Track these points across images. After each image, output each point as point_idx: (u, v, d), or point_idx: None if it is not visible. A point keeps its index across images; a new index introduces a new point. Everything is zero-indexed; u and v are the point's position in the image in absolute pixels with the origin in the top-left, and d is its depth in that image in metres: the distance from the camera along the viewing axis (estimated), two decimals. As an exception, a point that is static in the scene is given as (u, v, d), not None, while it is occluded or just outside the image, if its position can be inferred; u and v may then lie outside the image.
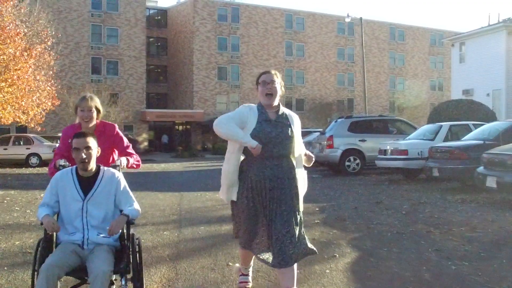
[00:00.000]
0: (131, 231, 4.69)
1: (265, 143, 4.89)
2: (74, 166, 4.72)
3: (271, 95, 5.08)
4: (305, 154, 5.26)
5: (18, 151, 30.05)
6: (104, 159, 5.13)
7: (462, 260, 6.86)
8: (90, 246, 4.50)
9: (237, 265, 5.66)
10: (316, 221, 9.73)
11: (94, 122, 5.44)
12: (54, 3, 53.55)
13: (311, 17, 70.58)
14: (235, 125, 4.92)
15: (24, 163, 28.89)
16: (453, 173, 13.97)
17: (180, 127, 64.83)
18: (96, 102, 5.44)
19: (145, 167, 28.75)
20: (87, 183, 4.62)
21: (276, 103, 5.14)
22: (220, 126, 4.94)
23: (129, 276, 4.48)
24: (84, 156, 4.54)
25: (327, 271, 6.39)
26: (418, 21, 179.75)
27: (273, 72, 5.22)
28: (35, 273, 4.21)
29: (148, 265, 6.57)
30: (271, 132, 4.96)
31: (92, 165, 4.65)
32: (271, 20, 67.58)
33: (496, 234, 8.50)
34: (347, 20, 44.34)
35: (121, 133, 5.65)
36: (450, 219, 9.91)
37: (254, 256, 5.25)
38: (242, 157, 5.11)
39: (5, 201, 12.79)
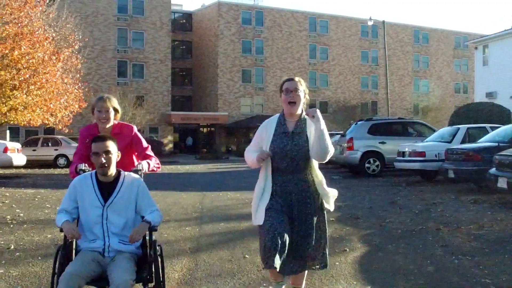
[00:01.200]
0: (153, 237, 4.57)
1: (283, 156, 4.85)
2: (94, 171, 4.61)
3: (294, 103, 4.92)
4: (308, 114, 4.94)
5: (47, 152, 30.82)
6: (122, 161, 4.85)
7: (466, 255, 7.26)
8: (111, 253, 4.39)
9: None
10: (330, 219, 10.14)
11: (111, 123, 5.30)
12: (81, 7, 54.50)
13: (334, 20, 70.86)
14: (250, 153, 4.98)
15: (52, 163, 29.63)
16: (468, 174, 14.30)
17: (205, 130, 65.49)
18: (114, 102, 5.31)
19: (170, 169, 29.37)
20: (107, 188, 4.50)
21: (299, 111, 5.00)
22: (247, 160, 5.04)
23: (151, 285, 4.38)
24: (104, 161, 4.42)
25: (337, 263, 6.84)
26: (442, 24, 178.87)
27: (296, 79, 5.02)
28: (54, 280, 4.14)
29: (170, 256, 7.08)
30: (287, 145, 4.87)
31: (112, 170, 4.53)
32: (295, 23, 67.99)
33: (502, 232, 8.86)
34: (370, 23, 44.60)
35: (139, 134, 5.46)
36: (461, 218, 10.29)
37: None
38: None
39: (36, 199, 13.42)
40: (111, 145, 4.50)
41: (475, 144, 15.12)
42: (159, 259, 4.46)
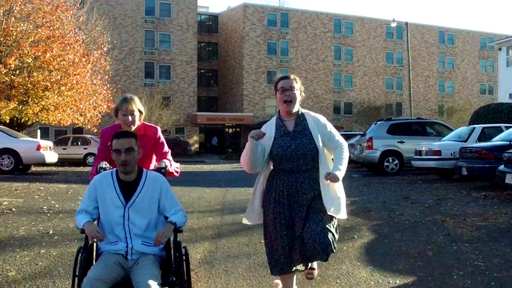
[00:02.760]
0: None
1: (287, 158, 4.72)
2: (115, 169, 4.41)
3: (290, 102, 4.78)
4: (328, 176, 4.68)
5: (76, 151, 31.77)
6: (144, 164, 4.82)
7: (465, 242, 7.88)
8: (134, 256, 4.19)
9: (277, 281, 5.24)
10: (344, 212, 10.81)
11: (136, 125, 5.09)
12: (109, 10, 55.65)
13: (359, 21, 71.27)
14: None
15: (81, 162, 30.56)
16: (480, 171, 14.85)
17: (230, 130, 66.27)
18: (138, 103, 5.10)
19: (195, 168, 30.19)
20: (128, 187, 4.29)
21: (295, 109, 4.86)
22: (243, 163, 4.88)
23: None
24: (125, 158, 4.21)
25: (344, 248, 7.51)
26: (468, 25, 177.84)
27: (292, 77, 4.86)
28: (75, 283, 4.01)
29: (193, 241, 7.80)
30: (290, 146, 4.72)
31: (134, 168, 4.33)
32: (320, 24, 68.52)
33: (505, 224, 9.44)
34: (393, 25, 45.00)
35: (162, 137, 5.26)
36: (468, 211, 10.88)
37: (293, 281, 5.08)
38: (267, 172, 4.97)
39: (69, 192, 14.25)
40: (134, 142, 4.28)
41: (488, 143, 15.65)
42: (184, 262, 4.31)
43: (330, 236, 4.61)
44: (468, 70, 78.30)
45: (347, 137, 26.13)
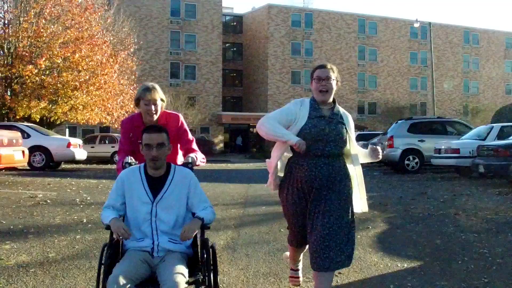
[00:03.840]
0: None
1: (317, 140, 4.60)
2: (142, 164, 4.32)
3: (326, 92, 4.71)
4: (372, 149, 4.91)
5: (104, 149, 32.49)
6: (170, 155, 4.57)
7: (473, 233, 8.33)
8: (160, 253, 4.09)
9: (287, 253, 5.39)
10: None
11: (158, 115, 4.90)
12: (136, 11, 56.53)
13: (383, 21, 71.51)
14: (278, 125, 4.72)
15: (109, 160, 31.27)
16: (497, 169, 15.20)
17: (255, 130, 66.61)
18: (160, 92, 4.91)
19: (220, 166, 30.78)
20: (156, 183, 4.20)
21: (331, 99, 4.79)
22: (262, 127, 4.82)
23: (203, 287, 4.09)
24: (156, 154, 4.12)
25: (358, 236, 7.96)
26: (493, 25, 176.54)
27: (329, 66, 4.78)
28: (100, 280, 3.91)
29: (217, 230, 8.34)
30: (325, 129, 4.63)
31: (164, 164, 4.25)
32: (344, 25, 68.86)
33: (515, 217, 9.88)
34: (416, 25, 45.29)
35: (185, 125, 5.11)
36: (481, 205, 11.29)
37: (302, 253, 5.22)
38: (289, 155, 4.86)
39: (99, 187, 14.90)
40: (165, 138, 4.21)
41: (505, 141, 15.99)
42: (212, 260, 4.18)
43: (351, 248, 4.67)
44: (493, 70, 78.05)
45: (370, 136, 26.60)
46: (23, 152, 15.69)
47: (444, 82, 71.48)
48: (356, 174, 4.88)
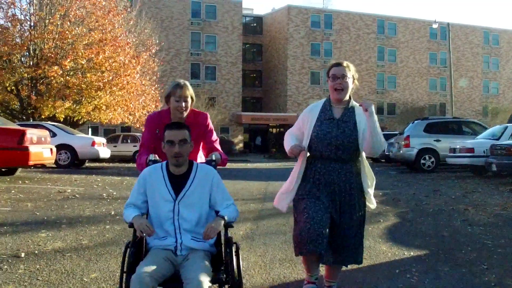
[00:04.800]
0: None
1: (327, 143, 4.63)
2: (165, 162, 4.27)
3: (341, 90, 4.67)
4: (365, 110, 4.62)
5: (126, 148, 33.24)
6: (192, 153, 4.47)
7: (480, 226, 8.80)
8: (184, 252, 4.06)
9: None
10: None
11: (187, 112, 4.87)
12: (157, 13, 57.33)
13: (403, 22, 71.64)
14: (288, 139, 4.85)
15: (131, 158, 31.94)
16: (509, 167, 15.60)
17: (274, 130, 67.27)
18: (191, 90, 4.90)
19: (240, 165, 31.32)
20: (179, 181, 4.16)
21: (347, 98, 4.76)
22: (284, 144, 4.86)
23: (227, 286, 4.05)
24: (179, 150, 4.08)
25: (370, 228, 8.47)
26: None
27: (345, 64, 4.74)
28: (123, 279, 3.85)
29: (236, 222, 8.74)
30: (331, 132, 4.63)
31: (186, 161, 4.21)
32: (363, 26, 69.15)
33: (522, 212, 10.32)
34: (434, 26, 45.61)
35: (211, 125, 5.11)
36: (490, 202, 11.75)
37: (318, 262, 4.92)
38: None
39: (124, 183, 15.54)
40: (187, 134, 4.17)
41: (518, 140, 16.43)
42: (235, 258, 4.06)
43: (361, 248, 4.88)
44: (513, 70, 77.88)
45: (389, 137, 26.98)
46: (51, 150, 16.33)
47: (460, 81, 71.33)
48: (365, 176, 4.82)
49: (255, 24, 72.57)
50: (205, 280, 3.65)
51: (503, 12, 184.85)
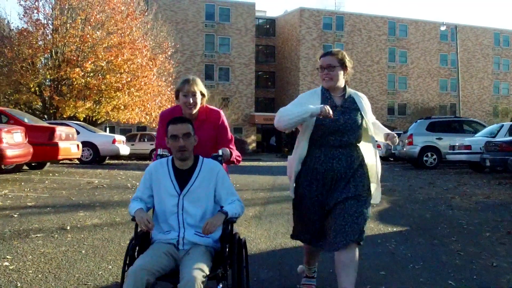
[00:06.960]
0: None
1: (333, 131, 4.46)
2: (170, 157, 4.26)
3: (329, 79, 4.56)
4: (388, 136, 4.57)
5: (143, 147, 34.54)
6: (203, 151, 4.42)
7: (460, 210, 10.03)
8: (186, 246, 4.00)
9: (301, 266, 5.20)
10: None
11: (197, 108, 4.72)
12: (172, 15, 58.72)
13: (414, 24, 72.60)
14: (295, 107, 4.64)
15: (148, 157, 33.23)
16: (501, 163, 16.76)
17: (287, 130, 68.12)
18: (200, 85, 4.73)
19: (252, 163, 32.54)
20: (184, 175, 4.13)
21: (341, 85, 4.63)
22: (281, 118, 4.64)
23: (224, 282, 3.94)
24: (183, 144, 4.05)
25: (362, 211, 9.74)
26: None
27: (333, 52, 4.67)
28: (125, 274, 3.76)
29: (247, 206, 9.99)
30: (339, 120, 4.46)
31: (191, 155, 4.17)
32: (374, 27, 70.17)
33: (502, 201, 11.49)
34: (442, 28, 46.71)
35: (226, 122, 4.92)
36: (477, 192, 12.97)
37: (317, 257, 5.01)
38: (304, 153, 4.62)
39: (144, 177, 16.88)
40: (190, 128, 4.13)
41: (509, 137, 17.57)
42: (242, 255, 4.06)
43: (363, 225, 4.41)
44: (523, 72, 78.53)
45: (399, 137, 28.16)
46: (77, 146, 17.68)
47: None
48: (376, 162, 4.71)
49: (268, 26, 73.78)
50: (199, 275, 3.54)
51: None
